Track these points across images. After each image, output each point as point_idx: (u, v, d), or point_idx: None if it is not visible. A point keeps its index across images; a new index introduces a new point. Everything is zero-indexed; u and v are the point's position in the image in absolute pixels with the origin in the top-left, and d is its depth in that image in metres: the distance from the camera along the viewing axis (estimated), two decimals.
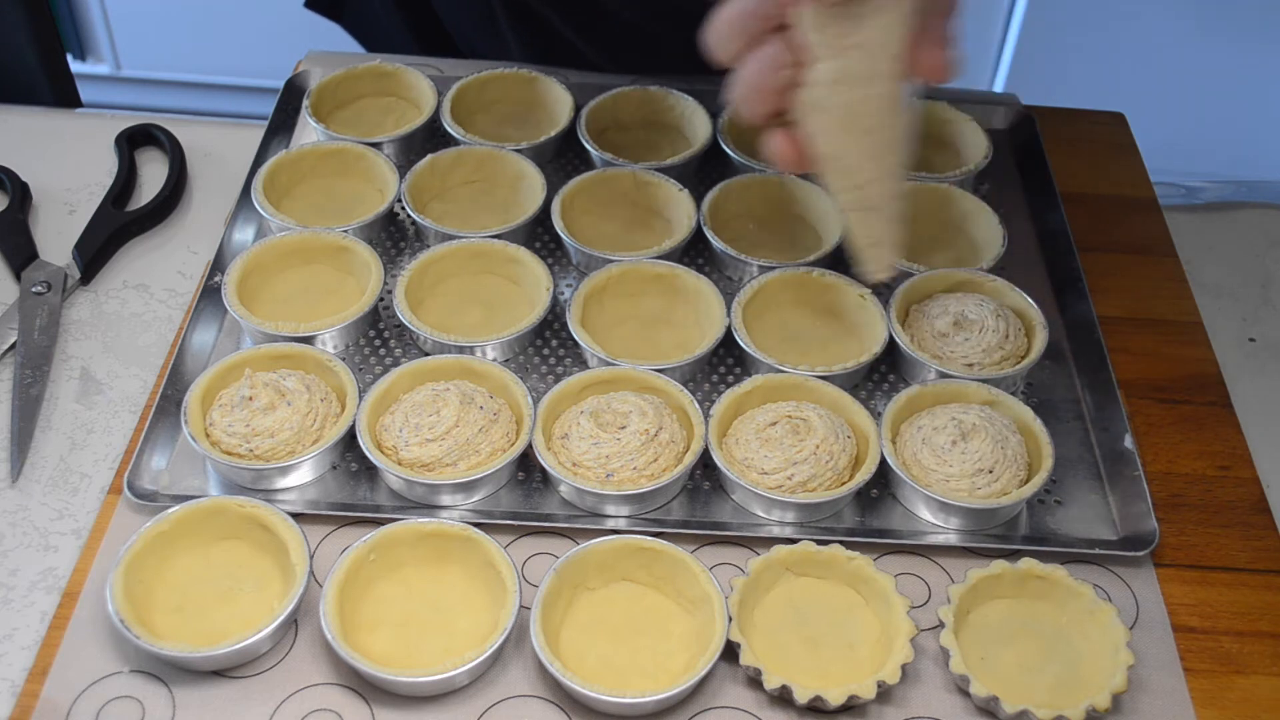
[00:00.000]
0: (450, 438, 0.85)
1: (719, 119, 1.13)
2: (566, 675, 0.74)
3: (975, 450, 0.86)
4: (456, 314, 0.99)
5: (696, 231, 1.03)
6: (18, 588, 0.82)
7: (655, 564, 0.80)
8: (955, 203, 1.08)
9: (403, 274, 0.98)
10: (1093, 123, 1.23)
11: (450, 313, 0.99)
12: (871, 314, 0.96)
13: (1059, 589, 0.81)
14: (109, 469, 0.89)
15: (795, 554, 0.81)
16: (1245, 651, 0.81)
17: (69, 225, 1.07)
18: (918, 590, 0.83)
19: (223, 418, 0.87)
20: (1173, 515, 0.88)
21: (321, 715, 0.75)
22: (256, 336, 0.95)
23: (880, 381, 0.97)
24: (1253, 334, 1.04)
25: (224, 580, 0.80)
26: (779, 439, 0.86)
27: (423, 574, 0.81)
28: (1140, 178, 1.17)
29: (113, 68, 2.72)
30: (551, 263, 1.04)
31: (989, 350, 0.94)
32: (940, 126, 1.16)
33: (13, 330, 0.97)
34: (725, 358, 0.98)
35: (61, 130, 1.18)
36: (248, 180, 1.06)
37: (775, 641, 0.79)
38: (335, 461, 0.89)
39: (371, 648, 0.77)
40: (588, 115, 1.12)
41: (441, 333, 0.94)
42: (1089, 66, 2.39)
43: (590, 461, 0.85)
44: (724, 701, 0.77)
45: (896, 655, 0.76)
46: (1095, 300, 1.02)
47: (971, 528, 0.86)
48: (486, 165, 1.09)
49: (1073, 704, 0.74)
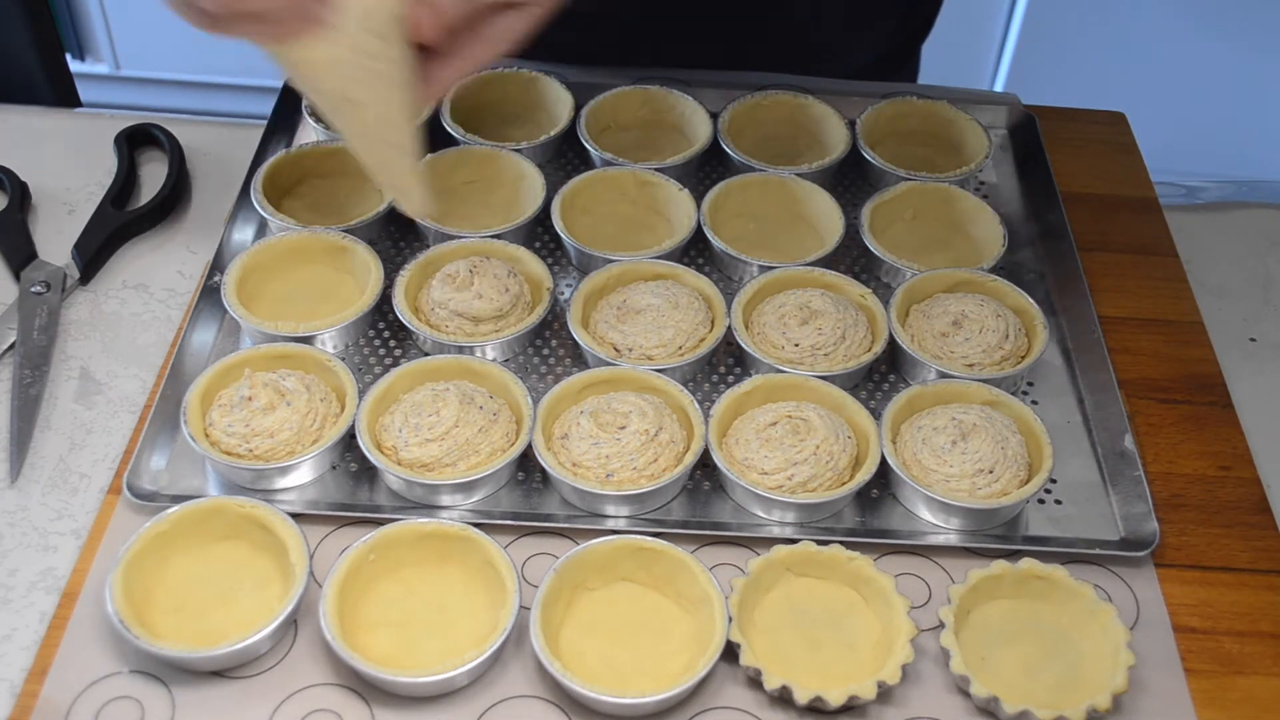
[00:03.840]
0: (450, 438, 0.85)
1: (719, 119, 1.13)
2: (566, 675, 0.74)
3: (975, 450, 0.86)
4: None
5: (696, 231, 1.03)
6: (17, 588, 0.82)
7: (655, 564, 0.80)
8: (955, 202, 1.08)
9: (403, 274, 0.98)
10: (1093, 123, 1.23)
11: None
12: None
13: (1059, 589, 0.80)
14: (108, 469, 0.89)
15: (795, 554, 0.81)
16: (1246, 652, 0.81)
17: (68, 225, 1.06)
18: (918, 590, 0.83)
19: (222, 418, 0.87)
20: (1173, 515, 0.88)
21: (321, 715, 0.75)
22: (256, 336, 0.95)
23: (880, 381, 0.97)
24: (1253, 334, 1.04)
25: (223, 580, 0.80)
26: (779, 439, 0.86)
27: (423, 574, 0.81)
28: (1140, 178, 1.17)
29: (112, 67, 2.72)
30: (551, 263, 1.04)
31: (989, 350, 0.94)
32: (941, 126, 1.16)
33: (12, 330, 0.97)
34: (725, 358, 0.98)
35: (61, 130, 1.18)
36: (247, 180, 1.06)
37: (775, 642, 0.79)
38: (335, 461, 0.89)
39: (371, 648, 0.77)
40: (588, 115, 1.12)
41: (441, 333, 0.94)
42: (1089, 66, 2.39)
43: (590, 461, 0.85)
44: (724, 702, 0.76)
45: (897, 656, 0.76)
46: (1095, 300, 1.02)
47: (972, 528, 0.86)
48: (486, 165, 1.09)
49: (1073, 704, 0.74)
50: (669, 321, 0.94)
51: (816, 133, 1.16)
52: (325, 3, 0.77)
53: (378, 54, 0.80)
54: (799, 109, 1.16)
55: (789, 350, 0.94)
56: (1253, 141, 2.44)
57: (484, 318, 0.94)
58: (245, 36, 0.77)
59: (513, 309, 0.96)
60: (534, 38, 1.16)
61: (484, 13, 0.83)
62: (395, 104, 0.84)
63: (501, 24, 0.84)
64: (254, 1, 0.74)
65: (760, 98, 1.16)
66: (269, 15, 0.76)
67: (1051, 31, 2.40)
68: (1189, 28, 2.36)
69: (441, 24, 0.82)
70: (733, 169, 1.10)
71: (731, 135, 1.12)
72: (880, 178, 1.11)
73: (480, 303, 0.94)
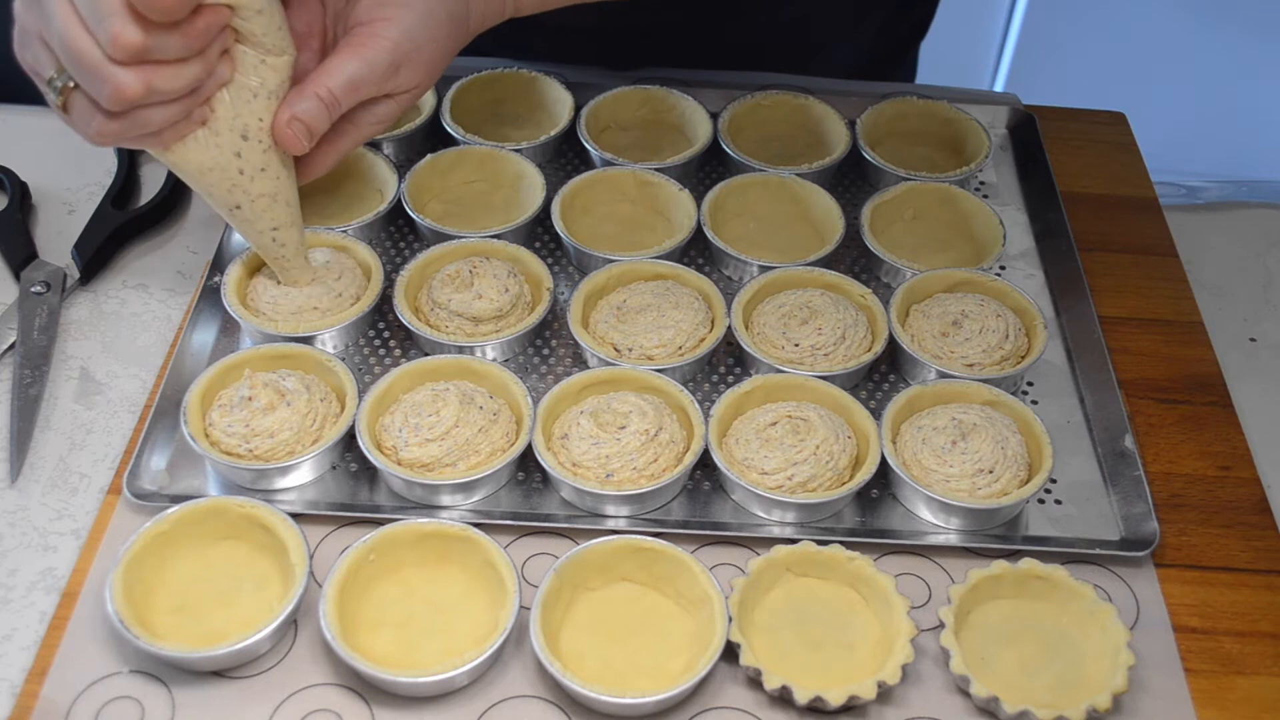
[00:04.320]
0: (450, 438, 0.85)
1: (719, 119, 1.13)
2: (566, 676, 0.74)
3: (975, 450, 0.86)
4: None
5: (696, 231, 1.03)
6: (17, 588, 0.82)
7: (655, 564, 0.80)
8: (955, 202, 1.08)
9: (403, 274, 0.98)
10: (1093, 122, 1.23)
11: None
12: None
13: (1060, 589, 0.80)
14: (108, 469, 0.89)
15: (795, 554, 0.81)
16: (1246, 652, 0.81)
17: (68, 225, 1.06)
18: (918, 590, 0.83)
19: (222, 418, 0.87)
20: (1173, 515, 0.88)
21: (321, 715, 0.75)
22: (256, 336, 0.95)
23: (880, 381, 0.97)
24: (1253, 334, 1.04)
25: (223, 581, 0.80)
26: (779, 439, 0.86)
27: (423, 574, 0.81)
28: (1140, 177, 1.17)
29: None
30: (551, 263, 1.04)
31: (989, 350, 0.94)
32: (941, 126, 1.16)
33: (12, 330, 0.97)
34: (725, 358, 0.98)
35: (61, 130, 1.17)
36: None
37: (775, 642, 0.79)
38: (335, 462, 0.89)
39: (371, 648, 0.77)
40: (588, 115, 1.12)
41: (441, 333, 0.94)
42: (1089, 66, 2.38)
43: (590, 462, 0.85)
44: (724, 702, 0.76)
45: (897, 656, 0.76)
46: (1095, 300, 1.02)
47: (972, 528, 0.86)
48: (486, 165, 1.09)
49: (1073, 704, 0.74)
50: (669, 321, 0.94)
51: (816, 133, 1.16)
52: (206, 103, 0.80)
53: (247, 153, 0.84)
54: (799, 109, 1.16)
55: (789, 350, 0.94)
56: (1253, 141, 2.43)
57: (484, 318, 0.94)
58: (138, 141, 0.79)
59: (513, 309, 0.96)
60: (534, 39, 1.16)
61: (356, 107, 0.86)
62: (270, 196, 0.87)
63: (373, 113, 0.87)
64: (165, 80, 0.75)
65: (760, 98, 1.16)
66: (159, 119, 0.77)
67: (1051, 31, 2.40)
68: (1189, 28, 2.36)
69: (314, 138, 0.84)
70: (733, 169, 1.10)
71: (731, 135, 1.12)
72: (880, 178, 1.11)
73: (481, 303, 0.94)
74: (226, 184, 0.85)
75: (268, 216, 0.88)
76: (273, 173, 0.86)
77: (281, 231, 0.90)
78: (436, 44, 0.85)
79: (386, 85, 0.85)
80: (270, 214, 0.88)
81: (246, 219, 0.88)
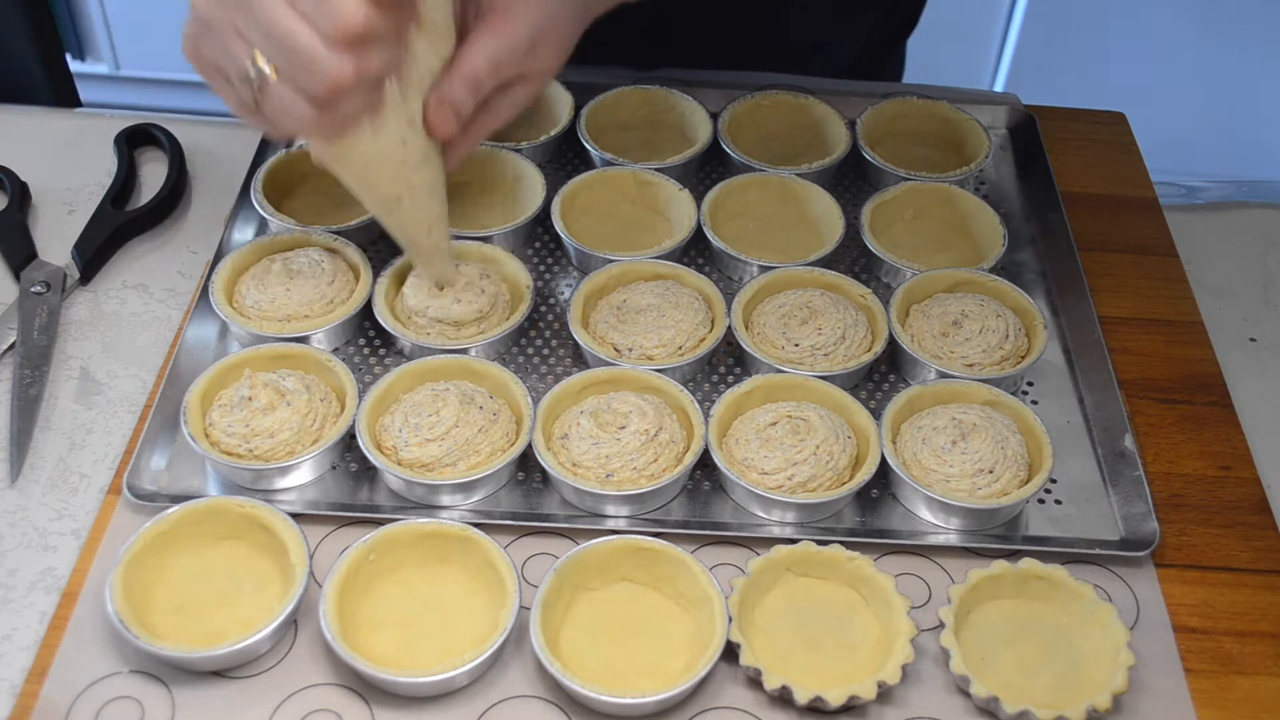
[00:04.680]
0: (450, 438, 0.85)
1: (719, 119, 1.13)
2: (566, 676, 0.74)
3: (975, 450, 0.86)
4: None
5: (696, 231, 1.03)
6: (17, 588, 0.82)
7: (655, 564, 0.80)
8: (956, 203, 1.08)
9: (380, 280, 0.97)
10: (1093, 123, 1.23)
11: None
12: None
13: (1060, 589, 0.80)
14: (108, 469, 0.89)
15: (795, 554, 0.81)
16: (1246, 652, 0.81)
17: (68, 225, 1.06)
18: (918, 591, 0.83)
19: (222, 418, 0.87)
20: (1173, 515, 0.88)
21: (321, 715, 0.75)
22: (244, 338, 0.95)
23: (880, 381, 0.97)
24: (1253, 334, 1.04)
25: (223, 581, 0.80)
26: (779, 439, 0.86)
27: (422, 574, 0.81)
28: (1140, 178, 1.17)
29: (112, 67, 2.72)
30: (551, 262, 1.04)
31: (989, 350, 0.94)
32: (941, 126, 1.16)
33: (12, 330, 0.97)
34: (725, 358, 0.98)
35: (61, 130, 1.18)
36: (247, 180, 1.06)
37: (775, 642, 0.79)
38: (335, 462, 0.89)
39: (371, 648, 0.77)
40: (588, 115, 1.12)
41: (424, 338, 0.94)
42: (1089, 66, 2.39)
43: (590, 462, 0.85)
44: (724, 702, 0.76)
45: (897, 656, 0.76)
46: (1095, 300, 1.02)
47: (972, 528, 0.86)
48: (486, 165, 1.09)
49: (1073, 704, 0.74)
50: (669, 321, 0.94)
51: (816, 133, 1.16)
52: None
53: (411, 141, 0.82)
54: (799, 109, 1.16)
55: (789, 350, 0.94)
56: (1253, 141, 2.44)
57: (465, 321, 0.94)
58: (326, 130, 0.77)
59: (492, 310, 0.95)
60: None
61: (493, 91, 0.86)
62: (428, 187, 0.85)
63: (509, 97, 0.87)
64: (371, 65, 0.73)
65: (760, 98, 1.16)
66: (355, 106, 0.76)
67: (1051, 31, 2.40)
68: (1189, 28, 2.36)
69: (461, 122, 0.84)
70: (733, 169, 1.10)
71: (731, 135, 1.12)
72: (880, 178, 1.11)
73: (459, 307, 0.94)
74: (390, 174, 0.82)
75: (426, 209, 0.86)
76: (434, 163, 0.84)
77: (437, 226, 0.88)
78: (569, 24, 0.86)
79: (524, 65, 0.84)
80: (429, 207, 0.86)
81: (408, 212, 0.85)
